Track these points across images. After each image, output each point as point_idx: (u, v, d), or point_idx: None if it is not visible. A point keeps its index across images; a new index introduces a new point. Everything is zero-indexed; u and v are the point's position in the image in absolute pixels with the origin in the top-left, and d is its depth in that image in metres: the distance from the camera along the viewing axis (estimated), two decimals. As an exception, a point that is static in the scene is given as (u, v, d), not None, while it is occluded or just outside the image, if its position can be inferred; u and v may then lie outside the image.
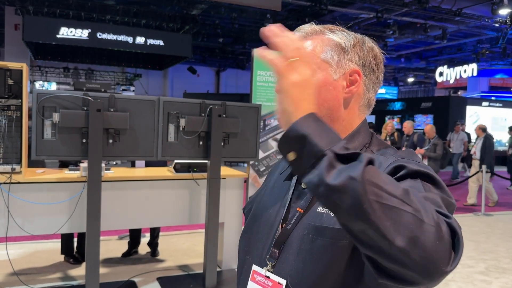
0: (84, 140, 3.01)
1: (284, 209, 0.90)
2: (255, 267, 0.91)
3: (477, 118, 16.46)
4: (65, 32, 12.09)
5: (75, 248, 4.23)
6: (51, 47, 14.73)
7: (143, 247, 4.58)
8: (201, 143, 3.39)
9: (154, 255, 4.47)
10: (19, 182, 3.17)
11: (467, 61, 16.84)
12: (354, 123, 0.90)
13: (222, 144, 3.43)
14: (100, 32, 12.50)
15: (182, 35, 13.76)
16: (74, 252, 4.20)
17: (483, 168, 7.57)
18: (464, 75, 16.57)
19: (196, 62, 20.88)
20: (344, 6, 11.66)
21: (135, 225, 3.93)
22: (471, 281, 4.14)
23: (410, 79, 24.95)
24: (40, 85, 19.05)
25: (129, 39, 12.85)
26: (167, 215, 3.77)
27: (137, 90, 20.63)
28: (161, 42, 13.19)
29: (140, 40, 12.95)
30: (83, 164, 3.33)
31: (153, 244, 4.50)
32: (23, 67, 3.15)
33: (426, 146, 7.21)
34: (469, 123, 15.21)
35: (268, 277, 0.87)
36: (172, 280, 3.81)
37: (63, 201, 3.33)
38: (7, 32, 13.42)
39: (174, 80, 22.80)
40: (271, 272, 0.87)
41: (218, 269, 3.88)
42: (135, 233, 4.50)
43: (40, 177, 3.30)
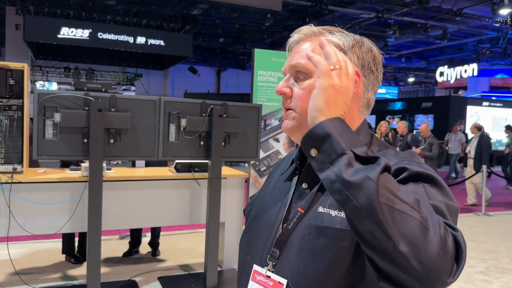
0: (85, 140, 3.02)
1: (285, 209, 0.91)
2: (256, 267, 0.91)
3: (478, 118, 16.46)
4: (66, 32, 12.10)
5: (76, 248, 4.23)
6: (52, 47, 14.74)
7: (144, 247, 4.58)
8: (202, 143, 3.40)
9: (155, 255, 4.48)
10: (21, 182, 3.18)
11: (468, 61, 16.84)
12: (354, 124, 0.91)
13: (223, 144, 3.44)
14: (101, 32, 12.52)
15: (183, 35, 13.77)
16: (75, 252, 4.21)
17: (484, 168, 7.58)
18: (465, 75, 16.57)
19: (197, 62, 20.89)
20: (345, 6, 11.66)
21: (136, 225, 3.94)
22: (471, 281, 4.14)
23: (411, 79, 24.93)
24: (41, 85, 19.06)
25: (130, 39, 12.87)
26: (168, 215, 3.78)
27: (138, 90, 20.63)
28: (162, 42, 13.20)
29: (141, 40, 12.96)
30: (84, 164, 3.34)
31: (154, 244, 4.51)
32: (25, 67, 3.16)
33: (422, 146, 7.18)
34: (470, 123, 15.18)
35: (269, 277, 0.88)
36: (173, 280, 3.82)
37: (64, 201, 3.34)
38: (8, 32, 13.44)
39: (175, 80, 22.81)
40: (272, 272, 0.87)
41: (219, 269, 3.88)
42: (136, 233, 4.51)
43: (42, 177, 3.31)
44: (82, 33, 12.30)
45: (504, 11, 10.78)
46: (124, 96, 3.27)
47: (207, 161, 3.52)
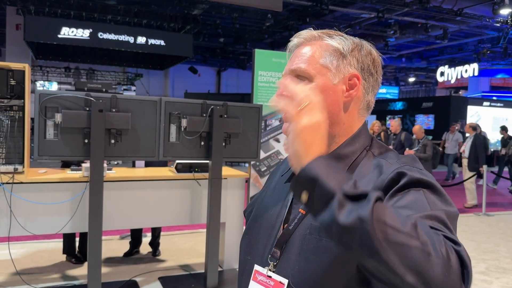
0: (86, 141, 3.02)
1: (286, 210, 0.91)
2: (257, 267, 0.92)
3: (478, 118, 16.46)
4: (66, 32, 12.12)
5: (77, 248, 4.24)
6: (52, 47, 14.76)
7: (145, 247, 4.59)
8: (203, 143, 3.41)
9: (156, 255, 4.48)
10: (22, 182, 3.19)
11: (468, 61, 16.84)
12: (355, 126, 0.92)
13: (224, 145, 3.44)
14: (101, 32, 12.53)
15: (183, 35, 13.78)
16: (76, 252, 4.22)
17: (484, 168, 7.57)
18: (465, 75, 16.56)
19: (197, 62, 20.90)
20: (345, 6, 11.66)
21: (137, 225, 3.95)
22: (472, 281, 4.14)
23: (411, 79, 24.93)
24: (41, 85, 19.07)
25: (130, 39, 12.88)
26: (169, 215, 3.78)
27: (138, 90, 20.64)
28: (162, 42, 13.21)
29: (141, 40, 12.97)
30: (85, 164, 3.35)
31: (155, 244, 4.52)
32: (26, 68, 3.16)
33: (416, 147, 7.13)
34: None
35: (270, 277, 0.88)
36: (174, 280, 3.83)
37: (65, 201, 3.35)
38: (9, 32, 13.46)
39: (175, 80, 22.82)
40: (273, 272, 0.88)
41: (220, 269, 3.89)
42: (137, 233, 4.51)
43: (43, 177, 3.32)
44: (83, 33, 12.31)
45: (505, 11, 10.78)
46: (125, 97, 3.28)
47: (208, 161, 3.52)
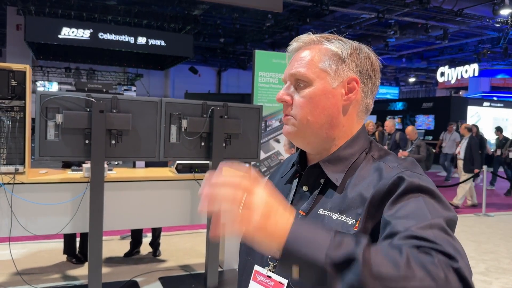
0: (87, 141, 3.03)
1: (285, 212, 0.92)
2: (257, 267, 0.93)
3: (479, 119, 16.47)
4: (67, 32, 12.14)
5: (78, 248, 4.25)
6: (53, 47, 14.78)
7: (145, 247, 4.60)
8: (203, 144, 3.42)
9: (156, 255, 4.49)
10: (23, 183, 3.20)
11: (468, 61, 16.85)
12: (354, 129, 0.93)
13: (224, 145, 3.45)
14: (102, 32, 12.55)
15: (184, 35, 13.79)
16: (77, 252, 4.23)
17: (484, 169, 7.58)
18: (466, 75, 16.57)
19: (198, 62, 20.92)
20: (345, 7, 11.67)
21: (137, 225, 3.95)
22: (472, 282, 4.15)
23: (411, 79, 24.95)
24: (41, 85, 19.09)
25: (131, 39, 12.89)
26: (169, 216, 3.79)
27: (139, 90, 20.66)
28: (163, 42, 13.23)
29: (142, 40, 12.99)
30: (86, 165, 3.36)
31: (155, 244, 4.53)
32: (27, 69, 3.17)
33: (409, 148, 7.11)
34: (470, 124, 15.19)
35: (270, 277, 0.89)
36: (174, 280, 3.84)
37: (66, 202, 3.36)
38: (9, 32, 13.47)
39: (176, 80, 22.84)
40: (273, 272, 0.89)
41: (220, 269, 3.90)
42: (137, 233, 4.52)
43: (43, 178, 3.32)
44: (83, 33, 12.33)
45: (505, 12, 10.79)
46: (126, 97, 3.29)
47: (208, 162, 3.53)
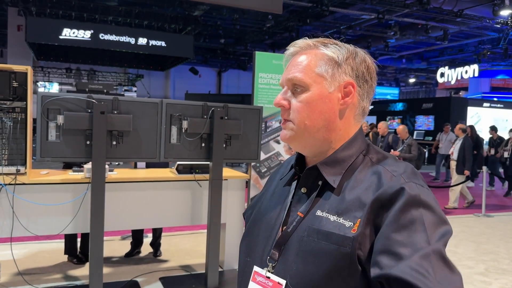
0: (88, 142, 3.05)
1: (285, 213, 0.94)
2: (256, 268, 0.95)
3: (479, 119, 16.47)
4: (68, 33, 12.16)
5: (79, 249, 4.27)
6: (54, 48, 14.81)
7: (146, 248, 4.62)
8: (203, 145, 3.43)
9: (157, 255, 4.51)
10: (24, 183, 3.22)
11: (468, 62, 16.87)
12: (351, 132, 0.94)
13: (224, 146, 3.47)
14: (103, 33, 12.57)
15: (184, 36, 13.82)
16: (78, 252, 4.24)
17: (484, 169, 7.59)
18: (465, 76, 16.59)
19: (198, 63, 20.95)
20: (346, 7, 11.69)
21: (138, 226, 3.97)
22: (471, 282, 4.16)
23: (412, 80, 24.97)
24: (41, 85, 19.12)
25: (131, 40, 12.92)
26: (170, 216, 3.81)
27: (139, 91, 20.69)
28: (163, 43, 13.26)
29: (142, 41, 13.02)
30: (87, 166, 3.37)
31: (156, 245, 4.54)
32: (28, 70, 3.19)
33: (400, 147, 7.08)
34: (469, 124, 15.19)
35: (269, 278, 0.91)
36: (175, 280, 3.85)
37: (67, 202, 3.38)
38: (10, 33, 13.50)
39: (176, 81, 22.87)
40: (271, 273, 0.90)
41: (220, 269, 3.92)
42: (138, 234, 4.54)
43: (45, 179, 3.34)
44: (84, 34, 12.35)
45: (505, 12, 10.81)
46: (126, 99, 3.31)
47: (208, 163, 3.55)
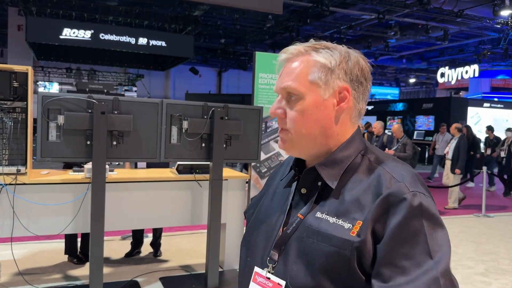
0: (89, 142, 3.05)
1: (285, 214, 0.94)
2: (257, 269, 0.95)
3: (479, 119, 16.47)
4: (68, 33, 12.17)
5: (79, 249, 4.27)
6: (54, 48, 14.83)
7: (146, 248, 4.62)
8: (204, 145, 3.44)
9: (157, 256, 4.51)
10: (24, 184, 3.22)
11: (469, 62, 16.86)
12: (348, 135, 0.93)
13: (224, 146, 3.47)
14: (103, 33, 12.58)
15: (184, 36, 13.83)
16: (78, 252, 4.25)
17: (484, 169, 7.59)
18: (466, 76, 16.58)
19: (198, 63, 20.95)
20: (346, 7, 11.69)
21: (138, 226, 3.97)
22: (471, 282, 4.17)
23: (412, 80, 24.97)
24: (41, 85, 19.13)
25: (132, 40, 12.93)
26: (170, 216, 3.81)
27: (139, 91, 20.70)
28: (163, 43, 13.26)
29: (143, 41, 13.02)
30: (87, 166, 3.38)
31: (156, 245, 4.54)
32: (29, 70, 3.19)
33: (395, 146, 7.05)
34: (471, 124, 15.19)
35: (269, 278, 0.91)
36: (175, 280, 3.86)
37: (67, 202, 3.38)
38: (11, 33, 13.51)
39: (176, 81, 22.88)
40: (272, 274, 0.91)
41: (220, 270, 3.92)
42: (138, 234, 4.54)
43: (45, 179, 3.35)
44: (84, 34, 12.36)
45: (505, 12, 10.80)
46: (127, 99, 3.31)
47: (209, 163, 3.55)
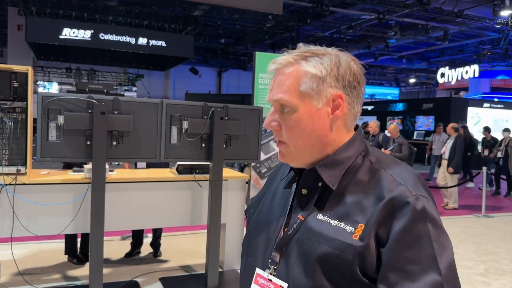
0: (88, 142, 3.05)
1: (285, 215, 0.94)
2: (259, 270, 0.94)
3: (479, 120, 16.48)
4: (68, 33, 12.16)
5: (79, 249, 4.26)
6: (54, 48, 14.81)
7: (146, 248, 4.62)
8: (203, 145, 3.43)
9: (157, 256, 4.51)
10: (24, 184, 3.22)
11: (469, 62, 16.87)
12: (345, 139, 0.92)
13: (224, 146, 3.47)
14: (103, 33, 12.57)
15: (184, 36, 13.82)
16: (78, 253, 4.24)
17: (484, 170, 7.59)
18: (466, 76, 16.59)
19: (198, 63, 20.95)
20: (346, 7, 11.69)
21: (138, 226, 3.97)
22: (471, 283, 4.16)
23: (412, 80, 24.97)
24: (41, 85, 19.12)
25: (132, 40, 12.92)
26: (170, 216, 3.81)
27: (139, 91, 20.69)
28: (163, 43, 13.26)
29: (142, 41, 13.02)
30: (87, 166, 3.37)
31: (156, 245, 4.54)
32: (28, 70, 3.19)
33: (391, 146, 7.05)
34: (471, 124, 15.20)
35: (271, 280, 0.90)
36: (175, 281, 3.85)
37: (67, 202, 3.37)
38: (10, 33, 13.51)
39: (176, 81, 22.87)
40: (273, 276, 0.90)
41: (220, 270, 3.91)
42: (138, 234, 4.54)
43: (45, 179, 3.34)
44: (84, 34, 12.35)
45: (505, 13, 10.81)
46: (127, 99, 3.31)
47: (208, 163, 3.55)
